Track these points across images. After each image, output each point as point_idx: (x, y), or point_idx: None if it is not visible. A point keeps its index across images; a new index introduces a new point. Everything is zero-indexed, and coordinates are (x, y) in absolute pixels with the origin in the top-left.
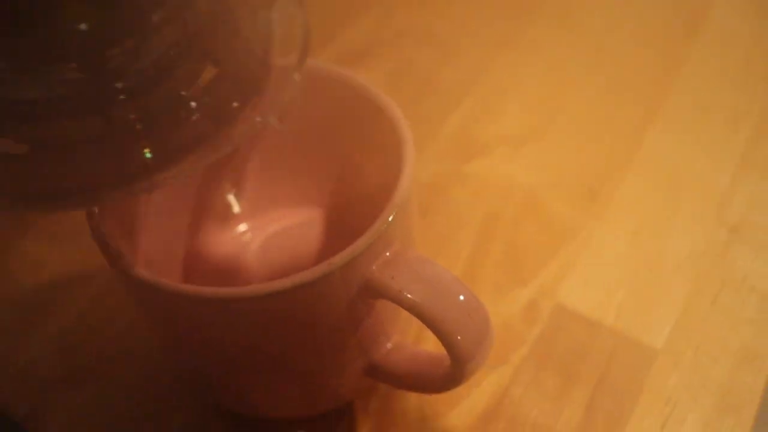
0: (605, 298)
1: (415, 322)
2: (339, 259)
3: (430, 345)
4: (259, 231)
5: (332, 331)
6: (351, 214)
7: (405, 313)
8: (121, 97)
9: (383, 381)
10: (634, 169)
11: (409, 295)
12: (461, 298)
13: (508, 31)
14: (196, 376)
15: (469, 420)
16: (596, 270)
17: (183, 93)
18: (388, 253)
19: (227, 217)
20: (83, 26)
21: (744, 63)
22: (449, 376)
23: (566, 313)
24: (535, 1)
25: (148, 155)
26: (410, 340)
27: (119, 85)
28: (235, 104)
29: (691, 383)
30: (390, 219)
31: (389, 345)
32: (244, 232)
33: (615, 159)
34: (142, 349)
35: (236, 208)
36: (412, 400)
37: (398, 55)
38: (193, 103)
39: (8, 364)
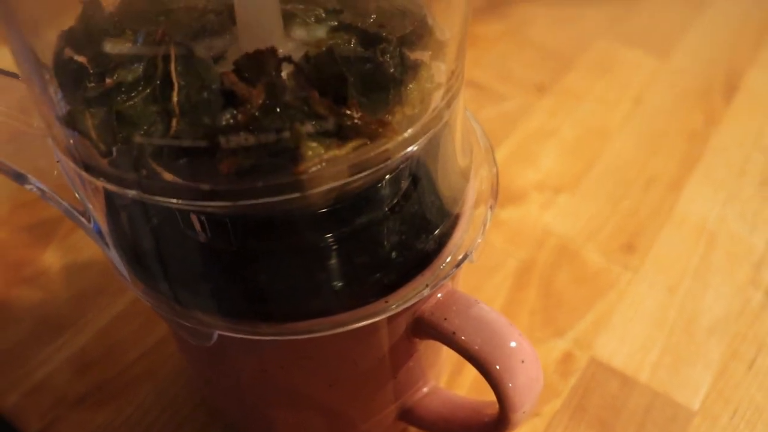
0: (641, 353)
1: (449, 368)
2: (394, 300)
3: (463, 391)
4: None
5: (372, 371)
6: None
7: (442, 359)
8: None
9: (416, 426)
10: (670, 224)
11: (463, 338)
12: (513, 344)
13: (547, 77)
14: (222, 406)
15: None
16: (632, 325)
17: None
18: (440, 294)
19: None
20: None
21: None
22: (492, 424)
23: (601, 367)
24: (575, 50)
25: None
26: (442, 386)
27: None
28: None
29: None
30: (447, 261)
31: (425, 389)
32: None
33: (651, 212)
34: (164, 373)
35: None
36: None
37: None
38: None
39: (22, 379)
